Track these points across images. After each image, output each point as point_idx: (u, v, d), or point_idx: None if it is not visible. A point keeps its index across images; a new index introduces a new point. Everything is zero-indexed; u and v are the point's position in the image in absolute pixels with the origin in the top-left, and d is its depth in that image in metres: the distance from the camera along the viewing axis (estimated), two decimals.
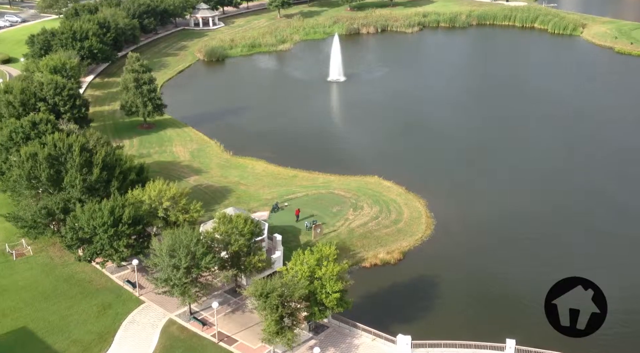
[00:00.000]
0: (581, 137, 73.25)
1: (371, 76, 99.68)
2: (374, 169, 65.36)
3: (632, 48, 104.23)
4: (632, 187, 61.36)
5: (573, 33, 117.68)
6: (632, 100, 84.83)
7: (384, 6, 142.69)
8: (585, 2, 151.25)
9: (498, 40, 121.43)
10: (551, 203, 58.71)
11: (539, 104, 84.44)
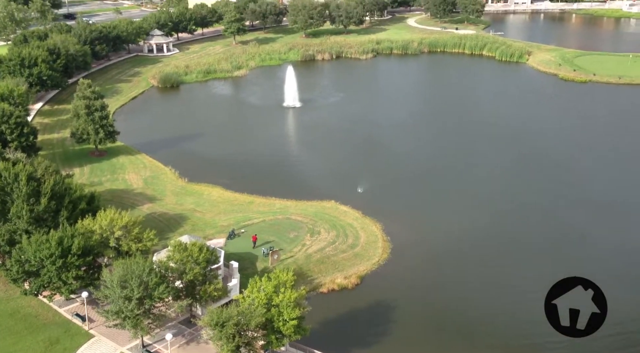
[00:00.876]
0: (529, 159, 75.46)
1: (327, 101, 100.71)
2: (330, 194, 65.53)
3: (575, 74, 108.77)
4: (579, 207, 63.27)
5: (519, 60, 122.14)
6: (576, 123, 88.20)
7: (339, 33, 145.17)
8: (530, 31, 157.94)
9: (449, 66, 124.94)
10: (503, 224, 59.98)
11: (489, 127, 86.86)
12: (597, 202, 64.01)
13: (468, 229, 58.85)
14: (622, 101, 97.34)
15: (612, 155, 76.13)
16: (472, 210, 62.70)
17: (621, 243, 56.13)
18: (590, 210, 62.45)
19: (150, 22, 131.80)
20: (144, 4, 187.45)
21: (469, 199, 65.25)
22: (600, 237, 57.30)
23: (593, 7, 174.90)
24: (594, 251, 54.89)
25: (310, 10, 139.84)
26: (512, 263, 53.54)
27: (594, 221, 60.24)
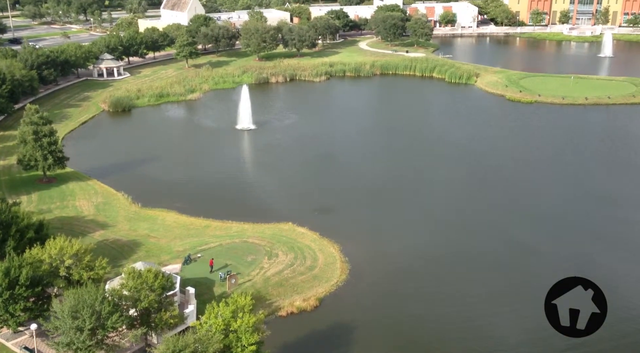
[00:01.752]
0: (480, 176, 77.40)
1: (281, 123, 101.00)
2: (288, 216, 65.36)
3: (521, 95, 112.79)
4: (528, 222, 65.02)
5: (468, 82, 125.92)
6: (523, 142, 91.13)
7: (292, 56, 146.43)
8: (477, 53, 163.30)
9: (401, 88, 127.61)
10: (457, 240, 61.01)
11: (442, 146, 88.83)
12: (545, 216, 65.97)
13: (424, 246, 59.60)
14: (566, 120, 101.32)
15: (558, 172, 78.82)
16: (427, 228, 63.63)
17: (569, 256, 57.85)
18: (538, 224, 64.28)
19: (99, 46, 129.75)
20: (92, 28, 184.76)
21: (424, 216, 66.24)
22: (549, 250, 58.93)
23: (536, 30, 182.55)
24: (544, 264, 56.34)
25: (263, 34, 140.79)
26: (467, 279, 54.38)
27: (542, 235, 61.96)
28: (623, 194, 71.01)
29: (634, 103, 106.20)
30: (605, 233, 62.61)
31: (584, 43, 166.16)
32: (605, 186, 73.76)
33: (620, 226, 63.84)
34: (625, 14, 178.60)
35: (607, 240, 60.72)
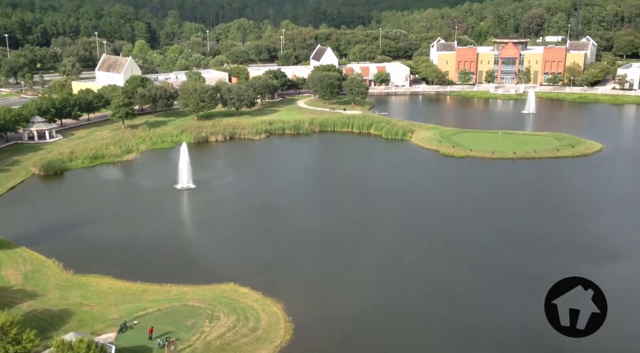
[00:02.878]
0: (419, 228, 78.72)
1: (222, 181, 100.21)
2: (229, 276, 63.83)
3: (454, 151, 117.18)
4: (466, 271, 66.16)
5: (404, 138, 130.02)
6: (459, 194, 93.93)
7: (231, 115, 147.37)
8: (411, 111, 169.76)
9: (340, 144, 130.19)
10: (400, 294, 61.09)
11: (381, 200, 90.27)
12: (481, 263, 67.36)
13: (367, 301, 59.29)
14: (497, 173, 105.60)
15: (492, 221, 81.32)
16: (370, 280, 63.54)
17: (505, 301, 58.95)
18: (476, 271, 65.50)
19: (30, 109, 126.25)
20: (23, 91, 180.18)
21: (367, 269, 66.24)
22: (486, 296, 59.87)
23: (464, 89, 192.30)
24: (483, 311, 57.06)
25: (202, 94, 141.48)
26: (414, 331, 54.22)
27: (480, 281, 63.05)
28: (556, 241, 73.68)
29: (558, 157, 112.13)
30: (540, 277, 64.31)
31: (509, 100, 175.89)
32: (539, 233, 76.41)
33: (556, 270, 65.91)
34: (545, 73, 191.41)
35: (543, 285, 62.32)
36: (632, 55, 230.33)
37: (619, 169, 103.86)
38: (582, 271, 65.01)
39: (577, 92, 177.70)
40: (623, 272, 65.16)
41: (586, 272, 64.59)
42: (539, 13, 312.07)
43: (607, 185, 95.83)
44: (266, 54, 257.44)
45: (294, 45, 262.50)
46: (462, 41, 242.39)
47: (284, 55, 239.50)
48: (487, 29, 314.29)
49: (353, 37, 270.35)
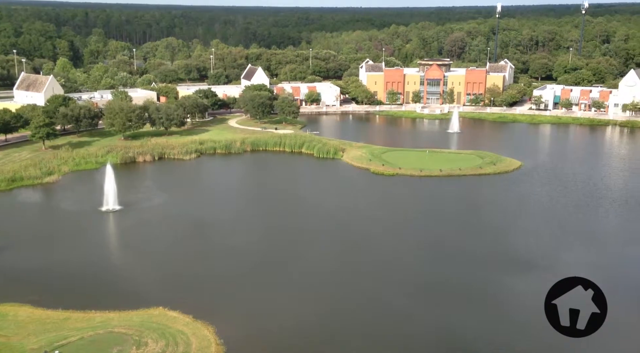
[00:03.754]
0: (352, 245, 79.49)
1: (150, 203, 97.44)
2: (158, 300, 61.80)
3: (384, 168, 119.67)
4: (400, 289, 67.32)
5: (335, 156, 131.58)
6: (388, 212, 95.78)
7: (160, 135, 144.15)
8: (342, 130, 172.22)
9: (272, 163, 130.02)
10: (335, 313, 61.23)
11: (313, 217, 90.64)
12: (410, 279, 68.75)
13: (299, 320, 59.00)
14: (425, 190, 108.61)
15: (420, 237, 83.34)
16: (302, 300, 63.34)
17: (444, 317, 60.34)
18: (405, 287, 66.74)
19: None
20: None
21: (298, 289, 66.02)
22: (422, 313, 61.06)
23: (392, 109, 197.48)
24: (413, 327, 58.11)
25: (129, 113, 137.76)
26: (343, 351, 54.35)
27: (415, 302, 64.25)
28: (479, 254, 76.29)
29: (481, 174, 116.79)
30: (474, 290, 66.36)
31: (435, 120, 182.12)
32: (464, 247, 78.89)
33: (476, 281, 68.13)
34: (467, 94, 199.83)
35: (476, 300, 64.29)
36: (546, 77, 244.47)
37: (536, 184, 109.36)
38: (501, 281, 67.63)
39: (497, 112, 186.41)
40: (538, 282, 68.21)
41: (506, 282, 67.30)
42: (460, 36, 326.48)
43: (526, 200, 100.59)
44: (196, 73, 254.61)
45: (224, 64, 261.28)
46: (389, 62, 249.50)
47: (215, 75, 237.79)
48: (412, 51, 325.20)
49: (284, 57, 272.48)
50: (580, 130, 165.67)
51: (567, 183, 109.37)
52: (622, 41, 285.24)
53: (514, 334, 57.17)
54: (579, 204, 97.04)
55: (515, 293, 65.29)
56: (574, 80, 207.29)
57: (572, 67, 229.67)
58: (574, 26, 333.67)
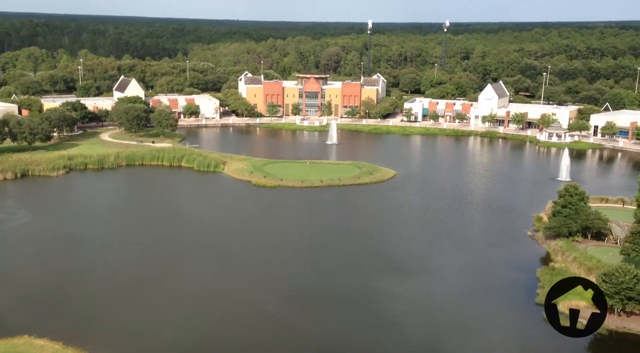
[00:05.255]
0: (234, 261, 78.66)
1: (13, 223, 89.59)
2: (23, 327, 56.82)
3: (266, 181, 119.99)
4: (282, 300, 67.61)
5: (216, 169, 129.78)
6: (270, 224, 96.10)
7: (23, 150, 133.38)
8: (222, 142, 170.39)
9: (149, 178, 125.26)
10: (211, 330, 60.13)
11: (192, 232, 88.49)
12: (292, 288, 69.46)
13: (178, 340, 57.19)
14: (306, 201, 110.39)
15: (302, 246, 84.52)
16: (181, 320, 61.50)
17: (325, 332, 61.38)
18: (288, 297, 67.31)
19: None
20: None
21: (176, 308, 64.00)
22: (307, 326, 61.77)
23: (273, 121, 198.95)
24: (303, 342, 58.66)
25: None
26: None
27: (296, 310, 64.85)
28: (357, 260, 78.88)
29: (360, 183, 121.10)
30: (355, 300, 68.30)
31: (314, 132, 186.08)
32: (343, 253, 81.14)
33: (367, 289, 70.44)
34: (344, 106, 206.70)
35: (354, 304, 66.19)
36: (415, 90, 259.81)
37: (410, 192, 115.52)
38: (377, 285, 70.48)
39: (372, 124, 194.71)
40: (413, 284, 72.06)
41: (382, 285, 70.20)
42: (335, 51, 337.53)
43: (401, 207, 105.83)
44: (63, 85, 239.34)
45: (94, 75, 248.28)
46: (268, 75, 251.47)
47: (84, 86, 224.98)
48: (290, 65, 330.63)
49: (159, 68, 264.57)
50: (447, 140, 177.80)
51: (437, 190, 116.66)
52: (480, 58, 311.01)
53: (388, 335, 59.66)
54: (448, 209, 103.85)
55: (391, 296, 68.24)
56: (440, 94, 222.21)
57: (437, 82, 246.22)
58: (438, 43, 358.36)
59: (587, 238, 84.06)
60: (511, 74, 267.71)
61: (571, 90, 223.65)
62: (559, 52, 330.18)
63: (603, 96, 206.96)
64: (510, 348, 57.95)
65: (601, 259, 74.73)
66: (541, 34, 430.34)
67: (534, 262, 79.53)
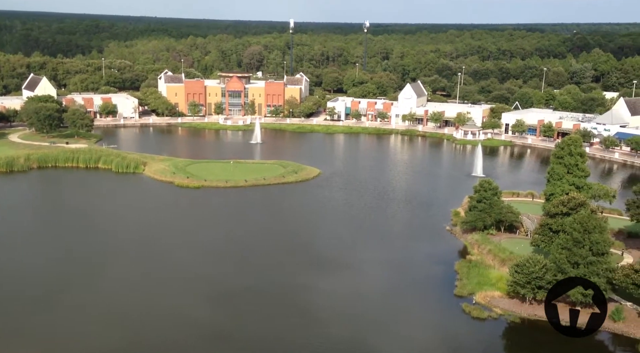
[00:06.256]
0: (157, 264, 76.92)
1: None
2: None
3: (189, 181, 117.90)
4: (203, 302, 66.96)
5: (136, 171, 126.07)
6: (194, 225, 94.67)
7: None
8: (142, 143, 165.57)
9: (64, 180, 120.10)
10: (135, 336, 58.72)
11: (112, 236, 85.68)
12: (224, 292, 69.00)
13: (94, 347, 55.45)
14: (231, 201, 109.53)
15: (227, 247, 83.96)
16: (101, 324, 59.59)
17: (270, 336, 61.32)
18: (212, 299, 66.81)
19: None
20: None
21: (95, 314, 61.91)
22: (232, 326, 61.48)
23: (195, 121, 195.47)
24: (230, 343, 58.40)
25: None
26: None
27: (223, 310, 64.42)
28: (283, 257, 79.41)
29: (284, 182, 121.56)
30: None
31: (238, 131, 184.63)
32: (270, 252, 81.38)
33: (294, 286, 70.94)
34: (268, 105, 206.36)
35: (281, 301, 66.53)
36: (337, 90, 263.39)
37: (335, 190, 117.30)
38: (305, 281, 71.35)
39: (296, 123, 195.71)
40: (337, 281, 73.48)
41: (309, 282, 71.15)
42: (258, 50, 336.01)
43: (326, 204, 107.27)
44: None
45: (1, 74, 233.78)
46: (189, 74, 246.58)
47: None
48: (212, 63, 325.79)
49: (72, 66, 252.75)
50: (369, 138, 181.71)
51: (360, 187, 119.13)
52: (399, 58, 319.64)
53: (313, 332, 60.55)
54: (371, 206, 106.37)
55: (316, 292, 69.21)
56: (362, 93, 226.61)
57: (359, 81, 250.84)
58: (359, 43, 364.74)
59: (500, 231, 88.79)
60: (428, 74, 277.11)
61: (484, 90, 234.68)
62: (472, 53, 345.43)
63: (513, 95, 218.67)
64: (431, 338, 60.36)
65: (513, 251, 79.20)
66: (455, 36, 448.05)
67: (452, 255, 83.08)
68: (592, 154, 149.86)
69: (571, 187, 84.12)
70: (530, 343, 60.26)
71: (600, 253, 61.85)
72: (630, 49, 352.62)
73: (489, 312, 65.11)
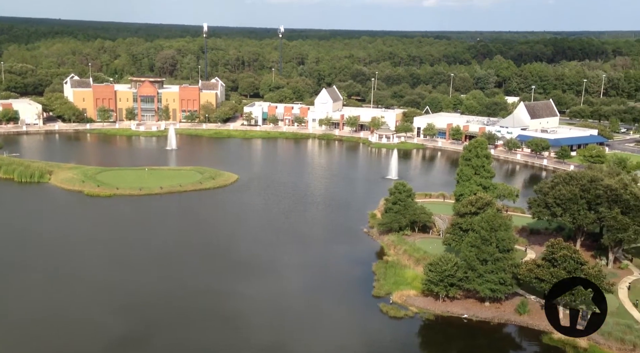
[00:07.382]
0: (67, 278, 73.49)
1: None
2: None
3: (100, 190, 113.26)
4: (128, 314, 64.80)
5: (41, 180, 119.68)
6: (105, 235, 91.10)
7: None
8: (47, 150, 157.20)
9: None
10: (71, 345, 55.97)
11: (18, 250, 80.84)
12: (141, 302, 67.00)
13: None
14: (144, 210, 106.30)
15: (145, 256, 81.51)
16: (9, 344, 56.23)
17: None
18: (135, 310, 64.80)
19: None
20: None
21: (3, 323, 58.32)
22: (149, 337, 59.85)
23: (105, 127, 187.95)
24: None
25: None
26: None
27: (136, 321, 62.58)
28: (203, 265, 78.29)
29: (202, 189, 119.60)
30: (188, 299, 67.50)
31: (152, 137, 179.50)
32: (187, 260, 79.89)
33: (214, 292, 69.93)
34: (183, 111, 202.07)
35: (202, 308, 65.48)
36: (254, 95, 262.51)
37: (253, 195, 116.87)
38: (224, 287, 70.73)
39: (212, 128, 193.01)
40: (257, 285, 73.42)
41: (229, 287, 70.61)
42: (171, 54, 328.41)
43: (245, 209, 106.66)
44: None
45: None
46: (98, 78, 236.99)
47: None
48: (122, 67, 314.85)
49: None
50: (287, 143, 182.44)
51: (279, 192, 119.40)
52: (314, 63, 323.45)
53: (235, 336, 60.18)
54: (290, 210, 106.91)
55: (237, 297, 68.73)
56: (278, 98, 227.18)
57: (275, 86, 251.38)
58: (274, 48, 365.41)
59: (415, 232, 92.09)
60: (343, 79, 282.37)
61: (396, 95, 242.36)
62: (384, 58, 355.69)
63: (423, 100, 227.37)
64: (350, 340, 61.60)
65: (427, 250, 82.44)
66: (368, 42, 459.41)
67: (370, 256, 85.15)
68: (497, 155, 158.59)
69: (478, 187, 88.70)
70: (443, 339, 62.98)
71: (506, 249, 65.90)
72: (528, 55, 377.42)
73: (405, 310, 67.39)
